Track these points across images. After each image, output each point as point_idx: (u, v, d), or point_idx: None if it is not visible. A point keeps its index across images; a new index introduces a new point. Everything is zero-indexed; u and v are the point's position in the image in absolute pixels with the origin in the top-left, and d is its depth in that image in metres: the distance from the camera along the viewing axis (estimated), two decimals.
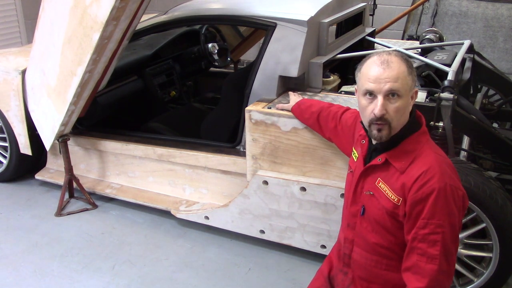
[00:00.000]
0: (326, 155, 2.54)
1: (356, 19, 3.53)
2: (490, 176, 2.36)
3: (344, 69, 3.27)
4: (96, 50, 2.73)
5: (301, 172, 2.64)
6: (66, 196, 3.45)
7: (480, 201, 2.24)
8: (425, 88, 2.73)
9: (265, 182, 2.71)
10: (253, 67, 2.87)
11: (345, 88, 2.90)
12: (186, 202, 3.19)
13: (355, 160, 1.81)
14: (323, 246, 2.72)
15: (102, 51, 2.78)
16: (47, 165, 3.72)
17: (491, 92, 3.60)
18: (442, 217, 1.53)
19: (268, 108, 2.65)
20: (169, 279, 2.73)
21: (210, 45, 4.02)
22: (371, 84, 1.56)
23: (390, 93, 1.54)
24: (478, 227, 2.33)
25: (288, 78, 2.84)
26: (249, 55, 5.00)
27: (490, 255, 2.35)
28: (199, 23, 3.97)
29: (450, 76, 2.60)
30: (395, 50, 1.67)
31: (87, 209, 3.40)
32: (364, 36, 3.56)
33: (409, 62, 1.60)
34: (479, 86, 3.48)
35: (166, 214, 3.22)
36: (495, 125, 3.39)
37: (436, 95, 2.47)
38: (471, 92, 3.28)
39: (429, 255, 1.53)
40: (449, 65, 2.78)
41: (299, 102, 2.51)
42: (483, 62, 3.40)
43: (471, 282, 2.44)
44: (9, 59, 3.63)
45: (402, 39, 4.70)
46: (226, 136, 3.08)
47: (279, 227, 2.79)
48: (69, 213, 3.36)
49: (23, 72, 3.40)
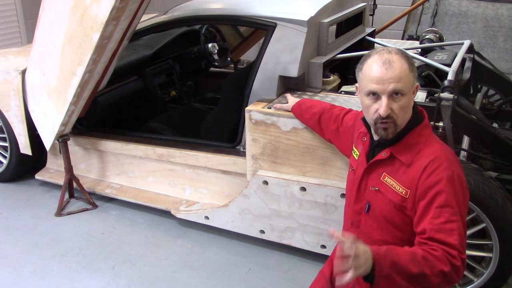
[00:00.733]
0: (326, 155, 2.54)
1: (356, 19, 3.53)
2: (490, 176, 2.36)
3: (344, 69, 3.26)
4: (96, 50, 2.73)
5: (301, 172, 2.64)
6: (66, 196, 3.45)
7: (480, 201, 2.24)
8: (425, 88, 2.73)
9: (265, 182, 2.71)
10: (253, 67, 2.87)
11: (345, 88, 2.90)
12: (186, 202, 3.19)
13: (357, 158, 1.81)
14: (323, 246, 2.72)
15: (102, 51, 2.78)
16: (47, 165, 3.72)
17: (491, 92, 3.60)
18: (455, 206, 1.52)
19: (268, 108, 2.65)
20: (169, 279, 2.73)
21: (210, 45, 4.02)
22: (375, 85, 1.57)
23: (394, 93, 1.56)
24: (478, 227, 2.33)
25: (288, 78, 2.84)
26: (249, 55, 5.00)
27: (490, 255, 2.35)
28: (199, 23, 3.96)
29: (450, 76, 2.60)
30: (395, 48, 1.65)
31: (87, 209, 3.40)
32: (364, 36, 3.56)
33: (410, 59, 1.60)
34: (479, 86, 3.48)
35: (166, 214, 3.22)
36: (495, 125, 3.39)
37: (436, 95, 2.47)
38: (471, 92, 3.28)
39: (450, 245, 1.50)
40: (449, 65, 2.78)
41: (300, 102, 2.50)
42: (483, 62, 3.40)
43: (471, 282, 2.44)
44: (9, 59, 3.63)
45: (402, 39, 4.70)
46: (226, 136, 3.08)
47: (279, 227, 2.79)
48: (69, 213, 3.36)
49: (23, 72, 3.40)
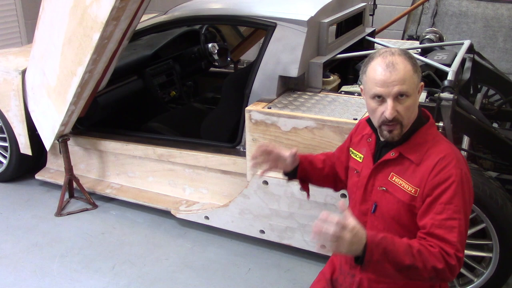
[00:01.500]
0: None
1: (356, 19, 3.53)
2: (490, 176, 2.36)
3: (344, 69, 3.27)
4: (96, 50, 2.74)
5: None
6: (66, 196, 3.45)
7: (480, 201, 2.24)
8: (425, 88, 2.72)
9: (265, 182, 2.71)
10: (253, 67, 2.87)
11: (345, 88, 2.90)
12: (186, 202, 3.19)
13: (361, 161, 1.79)
14: (323, 246, 2.71)
15: (102, 51, 2.79)
16: (47, 165, 3.72)
17: (491, 92, 3.60)
18: (459, 203, 1.53)
19: (268, 108, 2.65)
20: (169, 279, 2.73)
21: (210, 45, 4.01)
22: (379, 89, 1.56)
23: (399, 95, 1.56)
24: (478, 227, 2.33)
25: (288, 78, 2.84)
26: (249, 55, 5.00)
27: (490, 255, 2.35)
28: (199, 23, 3.97)
29: (450, 76, 2.60)
30: (398, 48, 1.64)
31: (87, 209, 3.40)
32: (364, 36, 3.56)
33: (413, 59, 1.60)
34: (479, 86, 3.48)
35: (166, 214, 3.22)
36: (495, 125, 3.39)
37: (436, 95, 2.47)
38: (471, 92, 3.28)
39: (448, 242, 1.50)
40: (449, 65, 2.78)
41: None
42: (483, 62, 3.40)
43: (471, 282, 2.44)
44: (9, 59, 3.63)
45: (402, 39, 4.71)
46: (226, 136, 3.08)
47: (279, 227, 2.79)
48: (69, 213, 3.36)
49: (23, 72, 3.40)
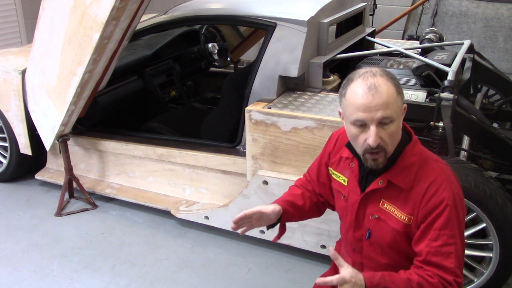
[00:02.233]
0: None
1: (356, 19, 3.53)
2: (490, 176, 2.36)
3: (344, 69, 3.26)
4: (96, 50, 2.74)
5: (301, 172, 2.62)
6: (66, 196, 3.45)
7: (480, 201, 2.24)
8: (425, 88, 2.73)
9: (265, 182, 2.71)
10: (253, 67, 2.88)
11: None
12: (186, 202, 3.19)
13: (345, 184, 1.69)
14: (323, 246, 2.72)
15: (102, 51, 2.79)
16: (47, 165, 3.72)
17: (491, 92, 3.60)
18: (454, 227, 1.48)
19: (268, 108, 2.65)
20: (169, 279, 2.73)
21: (210, 45, 4.02)
22: (361, 114, 1.44)
23: (382, 120, 1.44)
24: (478, 227, 2.33)
25: (288, 78, 2.84)
26: (249, 55, 5.00)
27: (490, 255, 2.35)
28: (199, 23, 3.97)
29: (450, 76, 2.60)
30: (379, 68, 1.52)
31: (87, 209, 3.40)
32: (364, 36, 3.56)
33: (395, 80, 1.50)
34: (479, 86, 3.48)
35: (166, 214, 3.22)
36: (495, 125, 3.39)
37: (436, 95, 2.47)
38: (471, 92, 3.28)
39: (446, 269, 1.46)
40: (449, 65, 2.78)
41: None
42: (483, 62, 3.40)
43: (472, 282, 2.44)
44: (9, 59, 3.63)
45: (402, 39, 4.71)
46: (226, 136, 3.08)
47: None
48: (69, 213, 3.36)
49: (23, 72, 3.40)
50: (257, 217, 1.75)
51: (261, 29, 3.25)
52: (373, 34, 3.76)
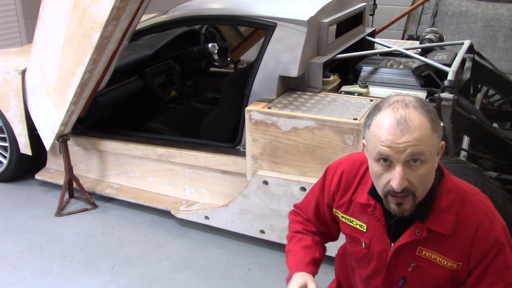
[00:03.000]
0: (326, 155, 2.54)
1: (356, 19, 3.53)
2: (490, 176, 2.36)
3: (344, 69, 3.27)
4: (96, 50, 2.74)
5: (301, 172, 2.64)
6: (66, 196, 3.45)
7: None
8: (425, 88, 2.73)
9: (265, 182, 2.71)
10: (253, 67, 2.87)
11: (345, 88, 2.90)
12: (186, 202, 3.19)
13: (364, 231, 1.47)
14: None
15: (102, 51, 2.79)
16: (47, 165, 3.72)
17: (491, 92, 3.60)
18: (510, 263, 1.35)
19: (268, 108, 2.65)
20: (169, 279, 2.73)
21: (210, 45, 4.01)
22: (386, 149, 1.23)
23: (412, 159, 1.23)
24: None
25: (288, 78, 2.84)
26: (249, 55, 5.00)
27: None
28: (199, 23, 3.96)
29: (450, 76, 2.60)
30: (413, 96, 1.30)
31: (87, 209, 3.40)
32: (364, 36, 3.56)
33: (433, 114, 1.26)
34: (479, 86, 3.48)
35: (166, 214, 3.22)
36: (495, 125, 3.39)
37: (436, 95, 2.47)
38: (471, 92, 3.28)
39: None
40: (449, 65, 2.78)
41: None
42: (483, 62, 3.40)
43: None
44: (9, 59, 3.63)
45: (402, 39, 4.71)
46: (226, 136, 3.08)
47: (279, 227, 2.79)
48: (69, 213, 3.36)
49: (23, 72, 3.40)
50: None
51: (261, 29, 3.25)
52: (373, 34, 3.75)
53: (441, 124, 1.34)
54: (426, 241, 1.38)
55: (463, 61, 3.16)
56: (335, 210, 1.57)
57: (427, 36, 3.45)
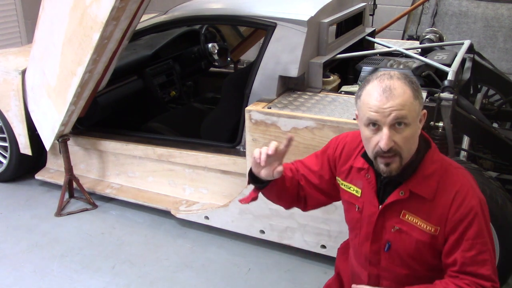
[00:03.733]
0: None
1: (356, 19, 3.53)
2: (490, 176, 2.36)
3: (344, 69, 3.27)
4: (96, 50, 2.74)
5: None
6: (66, 196, 3.45)
7: None
8: (425, 88, 2.72)
9: None
10: (253, 67, 2.87)
11: (345, 88, 2.90)
12: (186, 202, 3.19)
13: (359, 196, 1.63)
14: (323, 246, 2.72)
15: (102, 51, 2.79)
16: (47, 165, 3.72)
17: (491, 92, 3.60)
18: (484, 234, 1.47)
19: (268, 108, 2.64)
20: (169, 279, 2.73)
21: (210, 45, 4.02)
22: (374, 114, 1.41)
23: (396, 123, 1.40)
24: None
25: (288, 78, 2.84)
26: (249, 55, 5.00)
27: None
28: (199, 23, 3.97)
29: (450, 76, 2.60)
30: (398, 70, 1.51)
31: (87, 209, 3.40)
32: (364, 36, 3.56)
33: (414, 84, 1.44)
34: (479, 86, 3.48)
35: (166, 214, 3.22)
36: (495, 125, 3.39)
37: (436, 95, 2.47)
38: (471, 92, 3.28)
39: (482, 277, 1.45)
40: (449, 65, 2.78)
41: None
42: (483, 62, 3.40)
43: None
44: (9, 59, 3.63)
45: (402, 39, 4.71)
46: (226, 136, 3.08)
47: (279, 227, 2.79)
48: (69, 213, 3.36)
49: (23, 72, 3.40)
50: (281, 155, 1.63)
51: (261, 29, 3.25)
52: (373, 34, 3.75)
53: (423, 95, 1.46)
54: (409, 205, 1.52)
55: (463, 61, 3.16)
56: (338, 179, 1.72)
57: (427, 36, 3.45)
